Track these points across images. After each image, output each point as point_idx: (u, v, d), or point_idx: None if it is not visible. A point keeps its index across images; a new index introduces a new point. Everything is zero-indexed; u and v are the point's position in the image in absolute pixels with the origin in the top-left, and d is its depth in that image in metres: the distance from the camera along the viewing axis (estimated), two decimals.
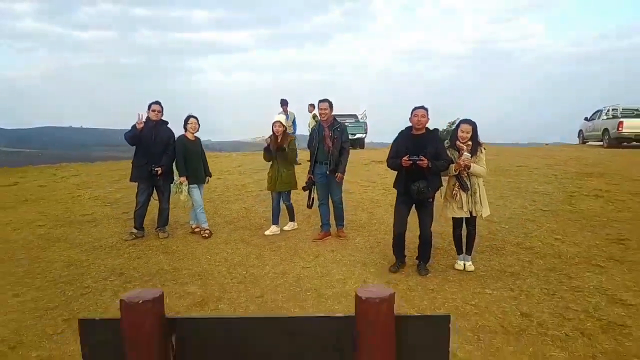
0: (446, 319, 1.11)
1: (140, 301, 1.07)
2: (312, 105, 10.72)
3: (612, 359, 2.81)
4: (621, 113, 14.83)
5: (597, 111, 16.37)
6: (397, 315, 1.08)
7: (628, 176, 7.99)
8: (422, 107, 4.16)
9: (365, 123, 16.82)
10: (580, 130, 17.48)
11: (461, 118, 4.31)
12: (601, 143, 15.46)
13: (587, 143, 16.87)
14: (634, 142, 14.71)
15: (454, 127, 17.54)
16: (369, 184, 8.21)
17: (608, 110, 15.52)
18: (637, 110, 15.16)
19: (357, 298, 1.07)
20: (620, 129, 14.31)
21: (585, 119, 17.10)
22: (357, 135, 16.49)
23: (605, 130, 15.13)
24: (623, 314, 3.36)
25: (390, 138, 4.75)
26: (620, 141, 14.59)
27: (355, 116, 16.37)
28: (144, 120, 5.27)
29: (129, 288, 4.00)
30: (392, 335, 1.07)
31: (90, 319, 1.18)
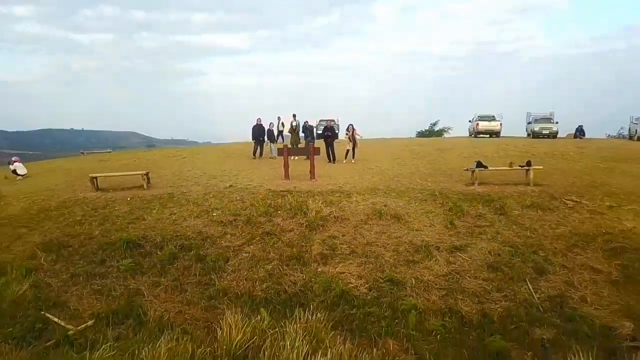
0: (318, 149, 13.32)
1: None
2: (279, 117, 21.90)
3: (378, 169, 14.87)
4: (479, 117, 26.84)
5: (474, 116, 28.33)
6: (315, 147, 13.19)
7: (435, 147, 19.93)
8: (332, 120, 16.60)
9: (338, 125, 28.72)
10: (468, 128, 29.47)
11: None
12: (473, 136, 27.46)
13: (471, 136, 28.79)
14: (488, 135, 26.73)
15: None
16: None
17: (475, 116, 27.52)
18: (491, 116, 27.06)
19: (310, 145, 13.20)
20: (477, 127, 26.39)
21: (469, 121, 29.10)
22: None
23: (474, 128, 27.18)
24: (392, 170, 15.34)
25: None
26: (479, 134, 26.63)
27: (333, 120, 28.31)
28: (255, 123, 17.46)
29: (260, 167, 15.96)
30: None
31: (281, 148, 13.37)
